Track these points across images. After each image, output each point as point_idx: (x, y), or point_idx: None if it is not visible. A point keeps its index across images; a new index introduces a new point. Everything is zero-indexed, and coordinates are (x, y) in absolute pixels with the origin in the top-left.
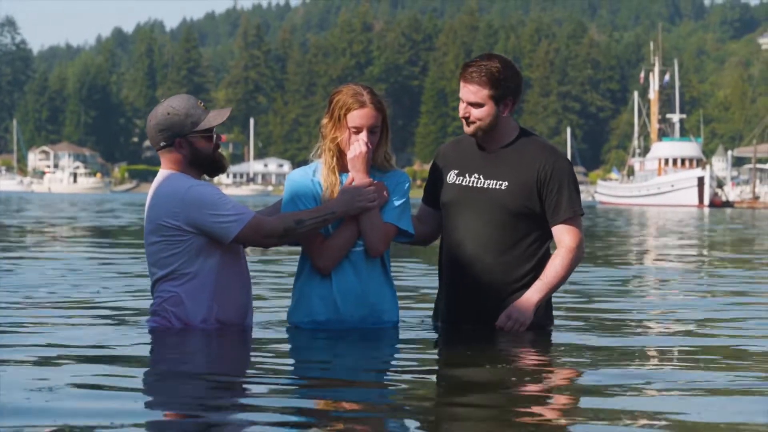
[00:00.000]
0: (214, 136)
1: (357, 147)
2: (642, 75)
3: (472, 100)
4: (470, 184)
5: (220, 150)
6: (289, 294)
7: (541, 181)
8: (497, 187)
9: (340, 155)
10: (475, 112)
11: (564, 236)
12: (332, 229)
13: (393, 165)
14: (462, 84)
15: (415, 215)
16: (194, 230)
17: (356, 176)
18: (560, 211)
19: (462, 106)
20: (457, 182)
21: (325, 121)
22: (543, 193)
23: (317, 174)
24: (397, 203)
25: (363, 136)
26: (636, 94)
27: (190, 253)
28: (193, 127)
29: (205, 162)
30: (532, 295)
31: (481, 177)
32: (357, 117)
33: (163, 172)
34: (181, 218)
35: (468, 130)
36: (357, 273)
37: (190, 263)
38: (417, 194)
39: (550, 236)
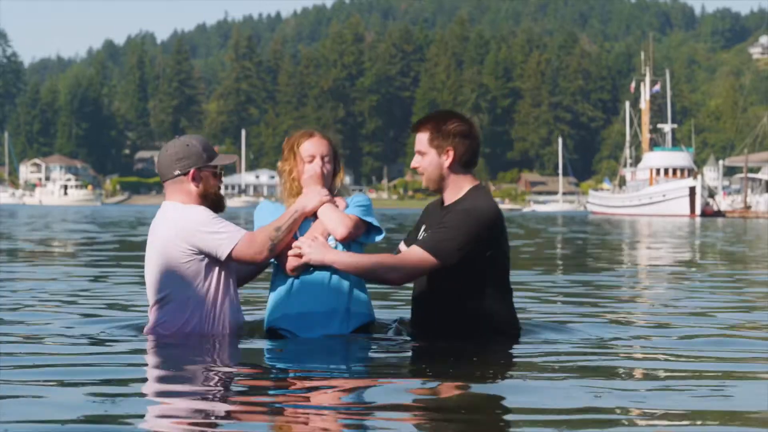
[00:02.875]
0: (221, 176)
1: (311, 168)
2: (633, 85)
3: (418, 148)
4: (418, 236)
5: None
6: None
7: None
8: (418, 237)
9: (300, 191)
10: (422, 162)
11: (406, 254)
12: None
13: (350, 193)
14: (414, 135)
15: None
16: (194, 252)
17: (312, 190)
18: (424, 239)
19: (414, 158)
20: (419, 237)
21: (280, 164)
22: None
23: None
24: (357, 205)
25: (316, 161)
26: (627, 104)
27: (187, 279)
28: (208, 161)
29: (211, 197)
30: (333, 254)
31: (424, 230)
32: (308, 146)
33: (172, 204)
34: (184, 241)
35: (422, 183)
36: (327, 270)
37: (186, 288)
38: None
39: (487, 278)
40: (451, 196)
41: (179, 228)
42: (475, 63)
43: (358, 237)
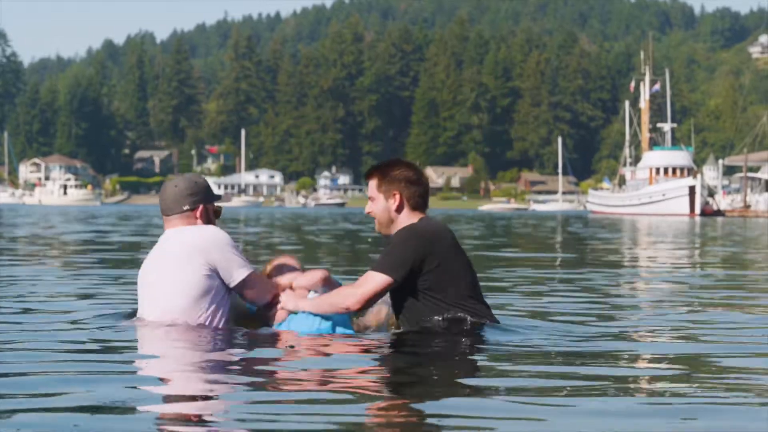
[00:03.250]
0: (219, 213)
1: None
2: (632, 84)
3: (369, 194)
4: None
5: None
6: None
7: None
8: None
9: None
10: (373, 208)
11: (361, 279)
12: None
13: None
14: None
15: None
16: (208, 270)
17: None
18: (374, 263)
19: (367, 204)
20: None
21: None
22: None
23: None
24: None
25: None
26: (627, 103)
27: (197, 295)
28: (215, 198)
29: None
30: (303, 302)
31: None
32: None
33: (188, 228)
34: (202, 255)
35: (375, 228)
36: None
37: (196, 302)
38: None
39: (441, 288)
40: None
41: (203, 240)
42: (475, 63)
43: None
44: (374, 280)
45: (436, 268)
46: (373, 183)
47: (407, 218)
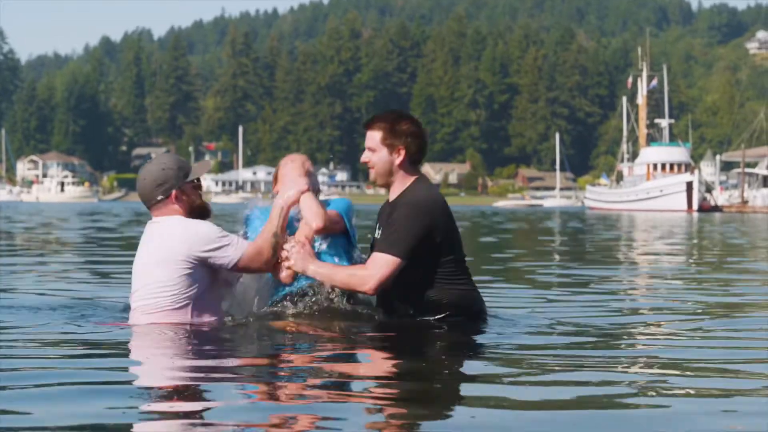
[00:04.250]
0: (200, 183)
1: (292, 156)
2: (630, 80)
3: (369, 144)
4: (376, 236)
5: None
6: None
7: (388, 221)
8: (376, 236)
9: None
10: (372, 158)
11: (369, 263)
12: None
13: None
14: (365, 132)
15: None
16: (196, 263)
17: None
18: (378, 244)
19: (363, 153)
20: (376, 237)
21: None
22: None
23: None
24: (336, 205)
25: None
26: (624, 99)
27: (184, 285)
28: (185, 177)
29: (196, 209)
30: (315, 265)
31: (379, 230)
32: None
33: (176, 218)
34: (189, 254)
35: (370, 177)
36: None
37: (182, 293)
38: None
39: (443, 263)
40: (396, 191)
41: (189, 242)
42: (472, 59)
43: (335, 231)
44: (387, 263)
45: (440, 243)
46: (376, 134)
47: (408, 173)
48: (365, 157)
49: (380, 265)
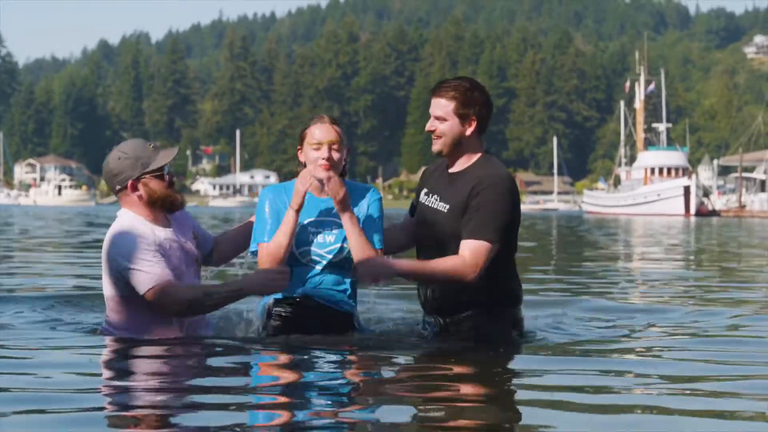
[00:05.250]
0: (166, 175)
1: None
2: (627, 84)
3: (438, 113)
4: (430, 205)
5: (175, 186)
6: None
7: (469, 200)
8: (441, 209)
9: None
10: (440, 127)
11: (466, 251)
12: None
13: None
14: (432, 100)
15: (399, 224)
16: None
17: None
18: (469, 230)
19: (429, 121)
20: (423, 201)
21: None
22: (467, 210)
23: (289, 193)
24: (378, 223)
25: (323, 149)
26: (622, 103)
27: (129, 287)
28: (143, 168)
29: (159, 201)
30: (399, 263)
31: (437, 198)
32: (317, 132)
33: (120, 212)
34: (113, 262)
35: (434, 147)
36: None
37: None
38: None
39: (509, 248)
40: (462, 163)
41: (111, 250)
42: (470, 62)
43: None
44: (485, 249)
45: (512, 222)
46: (448, 103)
47: (476, 145)
48: (431, 125)
49: (479, 254)
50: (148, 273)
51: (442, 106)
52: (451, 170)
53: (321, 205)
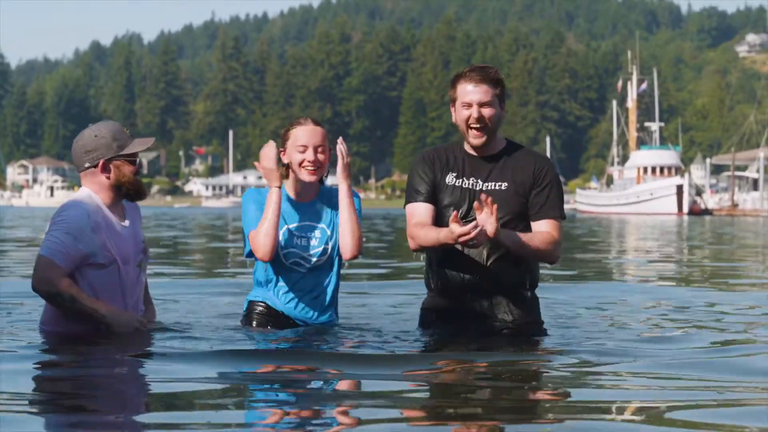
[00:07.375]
0: (138, 162)
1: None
2: (620, 84)
3: (486, 99)
4: (471, 187)
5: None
6: None
7: (535, 180)
8: (498, 188)
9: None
10: (488, 113)
11: (551, 229)
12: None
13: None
14: (471, 87)
15: (418, 221)
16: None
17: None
18: (546, 209)
19: (474, 109)
20: (457, 184)
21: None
22: (533, 191)
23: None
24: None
25: (308, 152)
26: (614, 103)
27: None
28: (119, 150)
29: (126, 186)
30: (505, 232)
31: (479, 180)
32: (300, 134)
33: (80, 191)
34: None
35: (479, 137)
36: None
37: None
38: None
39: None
40: (494, 147)
41: (54, 216)
42: (462, 62)
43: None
44: (561, 229)
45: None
46: (494, 90)
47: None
48: (480, 113)
49: (560, 231)
50: (56, 243)
51: (488, 92)
52: (481, 154)
53: (302, 210)
